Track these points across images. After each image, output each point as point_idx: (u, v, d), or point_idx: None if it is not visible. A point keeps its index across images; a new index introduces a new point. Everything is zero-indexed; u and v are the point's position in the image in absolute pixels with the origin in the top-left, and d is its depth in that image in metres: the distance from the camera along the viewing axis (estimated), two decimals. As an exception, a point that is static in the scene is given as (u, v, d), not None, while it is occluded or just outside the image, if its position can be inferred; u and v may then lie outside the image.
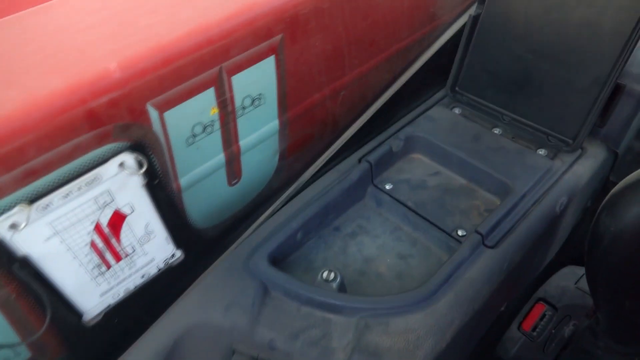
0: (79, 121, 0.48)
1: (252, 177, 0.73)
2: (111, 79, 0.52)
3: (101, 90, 0.51)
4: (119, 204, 0.49)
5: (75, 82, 0.49)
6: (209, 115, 0.57)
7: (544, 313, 0.73)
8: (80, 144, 0.47)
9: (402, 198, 0.71)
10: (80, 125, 0.48)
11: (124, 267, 0.53)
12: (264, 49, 0.64)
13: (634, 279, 0.61)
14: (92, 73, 0.51)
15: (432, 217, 0.68)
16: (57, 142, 0.44)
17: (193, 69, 0.57)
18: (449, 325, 0.54)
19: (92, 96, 0.50)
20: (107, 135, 0.51)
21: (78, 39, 0.56)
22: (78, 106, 0.49)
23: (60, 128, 0.45)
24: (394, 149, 0.74)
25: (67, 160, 0.44)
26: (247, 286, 0.61)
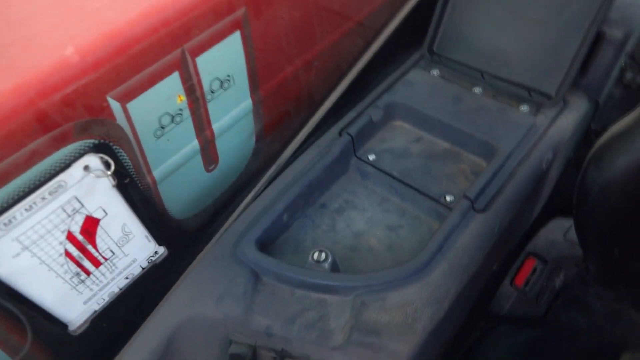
0: (32, 124, 0.44)
1: (230, 160, 0.70)
2: (64, 73, 0.48)
3: (54, 86, 0.47)
4: (89, 209, 0.46)
5: (23, 80, 0.45)
6: (175, 103, 0.54)
7: (535, 267, 0.74)
8: (38, 150, 0.43)
9: (386, 168, 0.69)
10: (33, 128, 0.44)
11: (104, 272, 0.51)
12: (228, 24, 0.59)
13: (622, 227, 0.61)
14: (41, 68, 0.46)
15: (418, 185, 0.66)
16: (9, 150, 0.40)
17: (153, 53, 0.53)
18: (445, 294, 0.54)
19: (44, 94, 0.46)
20: (66, 135, 0.47)
21: (21, 31, 0.51)
22: (28, 107, 0.44)
23: (11, 134, 0.41)
24: (374, 118, 0.72)
25: (24, 169, 0.40)
26: (237, 275, 0.59)
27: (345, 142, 0.69)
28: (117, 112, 0.51)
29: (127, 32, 0.52)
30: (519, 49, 0.71)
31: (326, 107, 0.70)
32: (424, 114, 0.72)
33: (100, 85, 0.50)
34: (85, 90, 0.48)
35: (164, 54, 0.54)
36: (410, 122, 0.74)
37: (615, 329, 0.73)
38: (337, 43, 0.74)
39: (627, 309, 0.74)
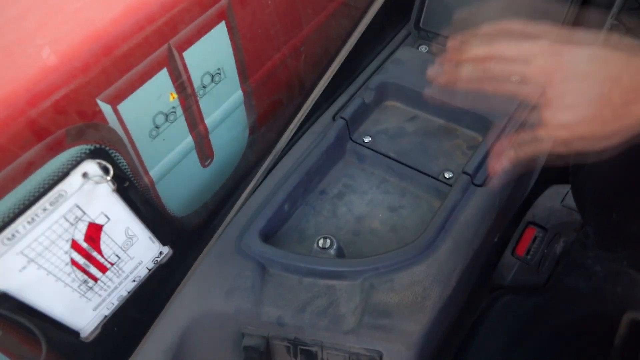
0: (24, 133, 0.43)
1: (225, 154, 0.70)
2: (51, 79, 0.46)
3: (42, 93, 0.45)
4: (91, 215, 0.45)
5: (9, 89, 0.44)
6: (168, 102, 0.53)
7: (535, 236, 0.75)
8: (33, 160, 0.42)
9: (383, 149, 0.69)
10: (26, 138, 0.43)
11: (111, 277, 0.51)
12: (212, 15, 0.58)
13: (619, 191, 0.62)
14: (27, 76, 0.45)
15: (416, 163, 0.67)
16: (4, 163, 0.39)
17: (139, 51, 0.52)
18: (452, 270, 0.55)
19: (33, 102, 0.45)
20: (60, 143, 0.46)
21: (1, 38, 0.49)
22: (18, 117, 0.43)
23: (4, 146, 0.40)
24: (367, 100, 0.71)
25: (22, 181, 0.39)
26: (243, 268, 0.59)
27: (339, 127, 0.68)
28: (108, 115, 0.50)
29: (112, 32, 0.50)
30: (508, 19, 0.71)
31: (318, 93, 0.69)
32: (416, 91, 0.71)
33: (89, 88, 0.49)
34: (74, 95, 0.47)
35: (151, 51, 0.53)
36: (403, 101, 0.74)
37: (616, 289, 0.75)
38: (323, 25, 0.72)
39: (626, 268, 0.76)
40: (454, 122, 0.71)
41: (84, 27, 0.50)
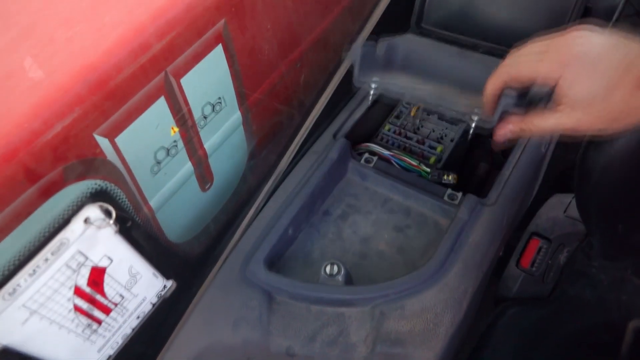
0: (19, 176, 0.41)
1: (225, 177, 0.68)
2: (45, 115, 0.44)
3: (36, 131, 0.43)
4: (94, 260, 0.43)
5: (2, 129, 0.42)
6: (170, 136, 0.51)
7: (540, 247, 0.75)
8: (29, 203, 0.40)
9: (386, 167, 0.68)
10: (21, 180, 0.41)
11: (116, 317, 0.49)
12: (209, 39, 0.56)
13: (626, 204, 0.62)
14: (18, 113, 0.43)
15: (420, 182, 0.66)
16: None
17: (135, 81, 0.50)
18: (463, 295, 0.54)
19: (26, 141, 0.43)
20: (57, 182, 0.44)
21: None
22: (11, 158, 0.41)
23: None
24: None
25: (20, 232, 0.38)
26: (249, 298, 0.58)
27: (341, 146, 0.67)
28: (106, 149, 0.49)
29: (106, 62, 0.48)
30: (514, 17, 0.70)
31: (317, 111, 0.68)
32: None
33: (85, 122, 0.47)
34: (69, 131, 0.45)
35: (147, 80, 0.51)
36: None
37: (621, 297, 0.75)
38: (321, 40, 0.71)
39: (631, 276, 0.76)
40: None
41: (78, 58, 0.48)
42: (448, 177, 0.65)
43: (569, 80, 0.39)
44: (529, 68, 0.42)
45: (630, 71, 0.37)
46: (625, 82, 0.37)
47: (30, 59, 0.48)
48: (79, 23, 0.52)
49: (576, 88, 0.38)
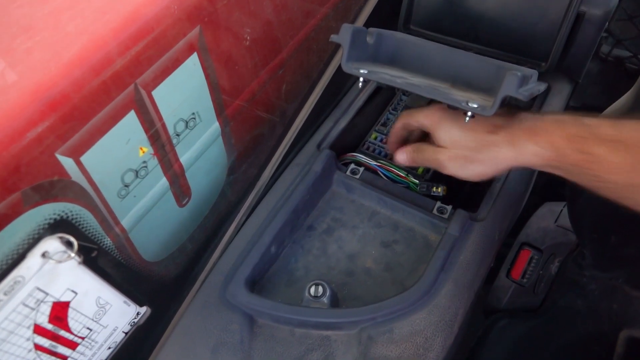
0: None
1: (204, 191, 0.64)
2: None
3: (-10, 153, 0.40)
4: (55, 295, 0.40)
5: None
6: (138, 157, 0.47)
7: (531, 258, 0.73)
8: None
9: (372, 179, 0.65)
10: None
11: (83, 351, 0.45)
12: (182, 48, 0.52)
13: (619, 215, 0.60)
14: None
15: (409, 196, 0.63)
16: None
17: (101, 95, 0.46)
18: (454, 317, 0.51)
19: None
20: (15, 208, 0.40)
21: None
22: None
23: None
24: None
25: None
26: (230, 321, 0.55)
27: (326, 157, 0.64)
28: (70, 169, 0.45)
29: (69, 75, 0.45)
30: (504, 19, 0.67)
31: (300, 120, 0.65)
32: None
33: (45, 143, 0.43)
34: (28, 152, 0.41)
35: (115, 93, 0.48)
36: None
37: (612, 306, 0.74)
38: (302, 47, 0.68)
39: (622, 285, 0.74)
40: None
41: (36, 71, 0.44)
42: (437, 190, 0.63)
43: (435, 128, 0.54)
44: (416, 118, 0.57)
45: (480, 123, 0.51)
46: (477, 129, 0.51)
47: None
48: (40, 32, 0.48)
49: (439, 132, 0.53)
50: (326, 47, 0.69)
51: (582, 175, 0.46)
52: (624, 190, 0.44)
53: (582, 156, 0.45)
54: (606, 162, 0.43)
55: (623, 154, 0.43)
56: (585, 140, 0.45)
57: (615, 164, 0.43)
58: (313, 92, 0.65)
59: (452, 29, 0.72)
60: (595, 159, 0.44)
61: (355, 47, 0.55)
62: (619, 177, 0.43)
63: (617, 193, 0.45)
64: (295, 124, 0.64)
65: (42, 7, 0.51)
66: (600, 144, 0.44)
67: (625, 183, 0.43)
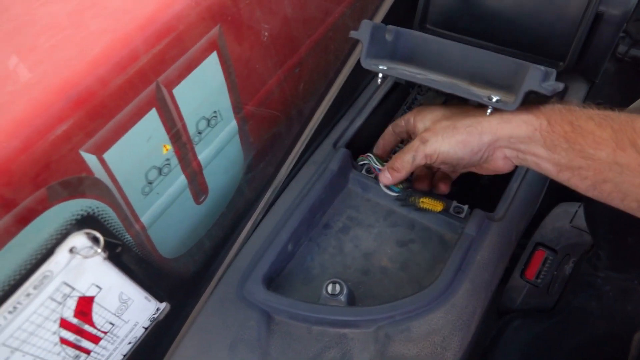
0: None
1: (221, 189, 0.65)
2: (25, 133, 0.41)
3: (16, 150, 0.40)
4: (81, 290, 0.40)
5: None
6: (162, 155, 0.48)
7: (546, 258, 0.73)
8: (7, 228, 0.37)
9: (388, 178, 0.65)
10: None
11: (105, 345, 0.46)
12: (202, 46, 0.53)
13: (636, 218, 0.59)
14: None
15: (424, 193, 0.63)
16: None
17: (124, 92, 0.47)
18: (471, 316, 0.52)
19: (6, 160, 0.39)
20: (40, 204, 0.41)
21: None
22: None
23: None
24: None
25: None
26: (247, 318, 0.55)
27: (342, 156, 0.64)
28: (94, 166, 0.45)
29: (93, 73, 0.45)
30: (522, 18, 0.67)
31: (317, 119, 0.65)
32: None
33: (70, 139, 0.43)
34: (53, 149, 0.42)
35: (137, 91, 0.48)
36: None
37: (626, 308, 0.73)
38: (320, 45, 0.68)
39: (636, 287, 0.74)
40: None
41: (62, 68, 0.45)
42: (415, 200, 0.60)
43: (417, 118, 0.56)
44: (399, 123, 0.59)
45: (466, 113, 0.52)
46: (457, 111, 0.52)
47: (8, 70, 0.45)
48: (63, 30, 0.49)
49: (419, 118, 0.55)
50: (343, 46, 0.69)
51: (569, 151, 0.45)
52: (607, 169, 0.43)
53: (570, 127, 0.45)
54: (593, 135, 0.44)
55: (610, 131, 0.43)
56: (575, 115, 0.46)
57: (602, 138, 0.43)
58: (330, 91, 0.66)
59: (468, 28, 0.72)
60: (584, 132, 0.44)
61: (374, 43, 0.55)
62: (603, 152, 0.43)
63: (599, 174, 0.44)
64: (312, 122, 0.64)
65: (65, 6, 0.52)
66: (589, 120, 0.45)
67: (610, 160, 0.43)
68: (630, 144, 0.42)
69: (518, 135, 0.48)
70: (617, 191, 0.44)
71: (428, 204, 0.59)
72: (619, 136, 0.43)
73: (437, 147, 0.51)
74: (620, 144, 0.42)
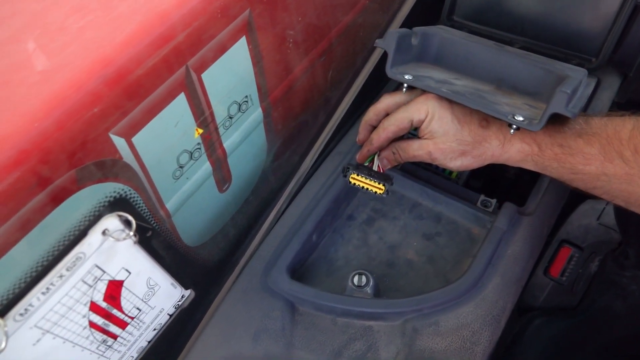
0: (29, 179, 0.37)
1: (244, 177, 0.64)
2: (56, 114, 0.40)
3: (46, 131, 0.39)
4: (111, 273, 0.40)
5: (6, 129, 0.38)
6: (193, 139, 0.47)
7: (571, 256, 0.71)
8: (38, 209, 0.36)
9: (413, 169, 0.64)
10: (31, 185, 0.37)
11: (132, 331, 0.46)
12: (232, 31, 0.52)
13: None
14: (26, 111, 0.39)
15: (452, 188, 0.62)
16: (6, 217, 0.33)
17: (153, 76, 0.46)
18: (501, 311, 0.51)
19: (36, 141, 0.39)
20: (69, 186, 0.40)
21: None
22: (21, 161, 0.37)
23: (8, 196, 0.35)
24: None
25: (24, 237, 0.34)
26: (271, 308, 0.54)
27: (367, 146, 0.63)
28: (122, 150, 0.45)
29: (122, 55, 0.44)
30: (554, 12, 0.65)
31: (344, 108, 0.64)
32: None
33: (101, 121, 0.43)
34: (83, 130, 0.41)
35: (167, 75, 0.47)
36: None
37: (653, 309, 0.72)
38: (348, 32, 0.66)
39: (663, 288, 0.72)
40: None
41: (91, 50, 0.44)
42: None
43: (429, 120, 0.53)
44: (407, 114, 0.54)
45: (473, 115, 0.52)
46: (471, 122, 0.52)
47: (38, 51, 0.44)
48: (92, 11, 0.48)
49: (433, 125, 0.52)
50: (371, 34, 0.68)
51: (559, 169, 0.49)
52: (596, 180, 0.47)
53: (561, 149, 0.48)
54: (582, 153, 0.47)
55: (597, 146, 0.46)
56: (564, 135, 0.48)
57: (590, 154, 0.46)
58: (357, 80, 0.64)
59: (498, 21, 0.70)
60: (573, 151, 0.47)
61: (400, 51, 0.55)
62: (592, 167, 0.46)
63: (589, 183, 0.48)
64: (338, 111, 0.63)
65: (93, -13, 0.51)
66: (578, 138, 0.47)
67: (598, 172, 0.46)
68: (618, 155, 0.45)
69: (513, 160, 0.52)
70: (606, 194, 0.48)
71: (361, 182, 0.56)
72: (606, 150, 0.45)
73: (443, 162, 0.53)
74: (608, 157, 0.45)
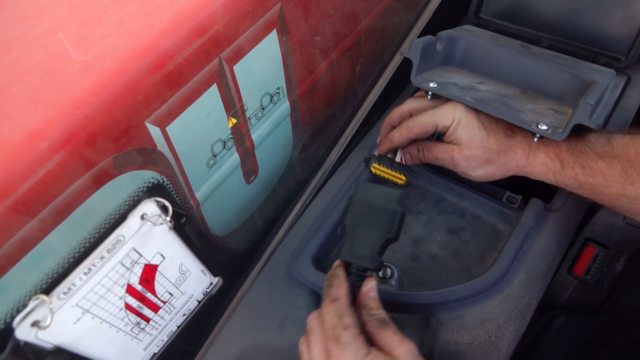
0: (70, 164, 0.38)
1: (271, 169, 0.65)
2: (97, 102, 0.42)
3: (87, 118, 0.41)
4: (147, 257, 0.41)
5: (49, 115, 0.39)
6: (227, 128, 0.48)
7: (596, 255, 0.71)
8: (78, 192, 0.38)
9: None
10: (72, 169, 0.39)
11: (163, 315, 0.47)
12: (264, 24, 0.53)
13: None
14: (67, 98, 0.40)
15: (477, 182, 0.62)
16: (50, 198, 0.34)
17: (188, 67, 0.47)
18: (527, 307, 0.50)
19: (76, 128, 0.40)
20: (106, 172, 0.41)
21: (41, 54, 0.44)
22: (62, 145, 0.39)
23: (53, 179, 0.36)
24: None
25: (63, 220, 0.35)
26: (296, 297, 0.55)
27: (393, 141, 0.63)
28: (157, 139, 0.46)
29: (160, 45, 0.45)
30: (583, 9, 0.64)
31: (370, 103, 0.64)
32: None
33: (139, 110, 0.44)
34: (121, 119, 0.43)
35: (201, 66, 0.48)
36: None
37: (679, 310, 0.71)
38: (376, 27, 0.67)
39: (690, 289, 0.71)
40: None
41: (130, 40, 0.45)
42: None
43: (456, 126, 0.53)
44: (434, 119, 0.54)
45: (499, 123, 0.53)
46: (497, 131, 0.53)
47: (78, 41, 0.46)
48: (130, 3, 0.49)
49: (459, 131, 0.53)
50: (399, 29, 0.68)
51: (579, 189, 0.50)
52: (617, 200, 0.48)
53: (582, 170, 0.49)
54: (603, 176, 0.47)
55: (619, 168, 0.47)
56: (586, 156, 0.49)
57: (611, 177, 0.47)
58: (383, 74, 0.65)
59: (525, 19, 0.69)
60: (594, 172, 0.48)
61: (425, 59, 0.56)
62: (612, 189, 0.47)
63: (609, 203, 0.49)
64: (365, 105, 0.63)
65: (131, -20, 0.52)
66: (599, 160, 0.48)
67: (619, 194, 0.47)
68: (639, 177, 0.45)
69: (536, 173, 0.52)
70: (626, 212, 0.49)
71: (382, 172, 0.58)
72: (627, 172, 0.46)
73: (465, 170, 0.54)
74: (630, 179, 0.46)
